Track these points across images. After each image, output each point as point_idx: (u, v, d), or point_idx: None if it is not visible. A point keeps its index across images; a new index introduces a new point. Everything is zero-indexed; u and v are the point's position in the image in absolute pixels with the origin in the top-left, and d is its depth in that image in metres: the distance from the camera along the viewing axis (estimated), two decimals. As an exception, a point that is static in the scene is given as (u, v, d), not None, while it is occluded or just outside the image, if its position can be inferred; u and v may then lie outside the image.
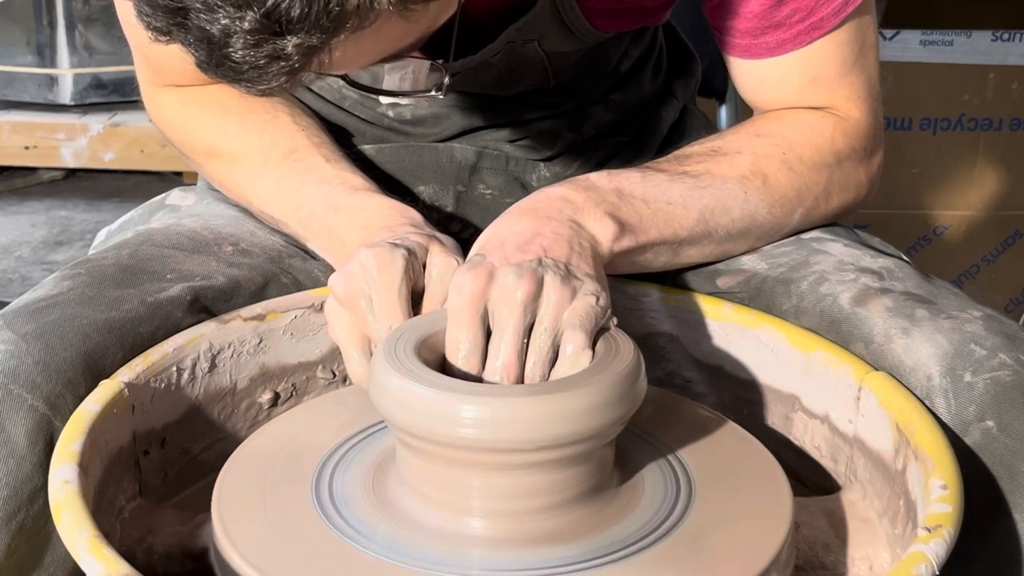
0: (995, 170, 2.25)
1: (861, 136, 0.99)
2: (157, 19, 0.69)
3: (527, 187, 1.07)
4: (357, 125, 1.08)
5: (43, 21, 2.85)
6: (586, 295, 0.75)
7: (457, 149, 1.06)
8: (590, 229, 0.83)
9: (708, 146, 0.96)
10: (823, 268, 0.92)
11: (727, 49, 1.01)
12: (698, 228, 0.91)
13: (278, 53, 0.67)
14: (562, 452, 0.69)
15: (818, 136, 0.97)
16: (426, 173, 1.06)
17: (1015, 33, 2.17)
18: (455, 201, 1.07)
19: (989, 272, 2.32)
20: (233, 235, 0.99)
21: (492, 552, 0.70)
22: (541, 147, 1.07)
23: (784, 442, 0.89)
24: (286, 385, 0.92)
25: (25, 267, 2.76)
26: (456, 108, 1.05)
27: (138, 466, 0.82)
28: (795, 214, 0.96)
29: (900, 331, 0.84)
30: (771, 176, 0.94)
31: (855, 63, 0.98)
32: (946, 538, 0.66)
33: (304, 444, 0.80)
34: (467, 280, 0.75)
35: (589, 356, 0.73)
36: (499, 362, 0.74)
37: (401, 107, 1.06)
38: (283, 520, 0.72)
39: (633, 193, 0.88)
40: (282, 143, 0.98)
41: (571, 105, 1.08)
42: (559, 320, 0.74)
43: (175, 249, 0.95)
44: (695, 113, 1.19)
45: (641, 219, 0.87)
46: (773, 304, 0.92)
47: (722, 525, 0.72)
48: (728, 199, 0.92)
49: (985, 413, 0.78)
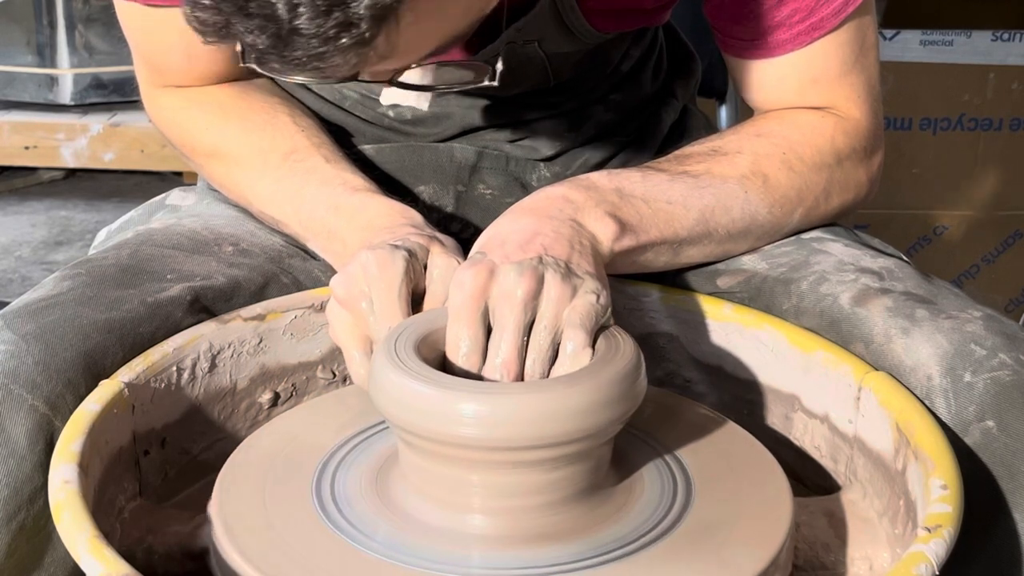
0: (995, 170, 2.25)
1: (861, 136, 0.99)
2: (213, 15, 0.68)
3: (527, 187, 1.07)
4: (357, 125, 1.08)
5: (43, 21, 2.85)
6: (586, 293, 0.75)
7: (457, 149, 1.06)
8: (590, 228, 0.83)
9: (708, 146, 0.96)
10: (823, 268, 0.92)
11: (728, 49, 1.01)
12: (698, 228, 0.91)
13: (349, 19, 0.66)
14: (562, 450, 0.69)
15: (818, 136, 0.97)
16: (426, 173, 1.06)
17: (1015, 33, 2.17)
18: (455, 201, 1.07)
19: (989, 272, 2.32)
20: (233, 235, 0.99)
21: (493, 550, 0.70)
22: (541, 147, 1.07)
23: (784, 442, 0.89)
24: (286, 385, 0.92)
25: (25, 267, 2.76)
26: (456, 108, 1.06)
27: (138, 466, 0.82)
28: (795, 214, 0.96)
29: (900, 331, 0.84)
30: (771, 176, 0.94)
31: (855, 63, 0.98)
32: (946, 538, 0.66)
33: (304, 444, 0.80)
34: (468, 277, 0.75)
35: (589, 354, 0.73)
36: (499, 359, 0.74)
37: (401, 107, 1.06)
38: (283, 520, 0.72)
39: (633, 193, 0.88)
40: (282, 144, 0.98)
41: (571, 105, 1.08)
42: (559, 318, 0.74)
43: (175, 249, 0.95)
44: (695, 113, 1.19)
45: (641, 219, 0.87)
46: (773, 304, 0.92)
47: (722, 525, 0.72)
48: (728, 199, 0.92)
49: (985, 413, 0.78)
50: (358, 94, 1.06)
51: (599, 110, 1.09)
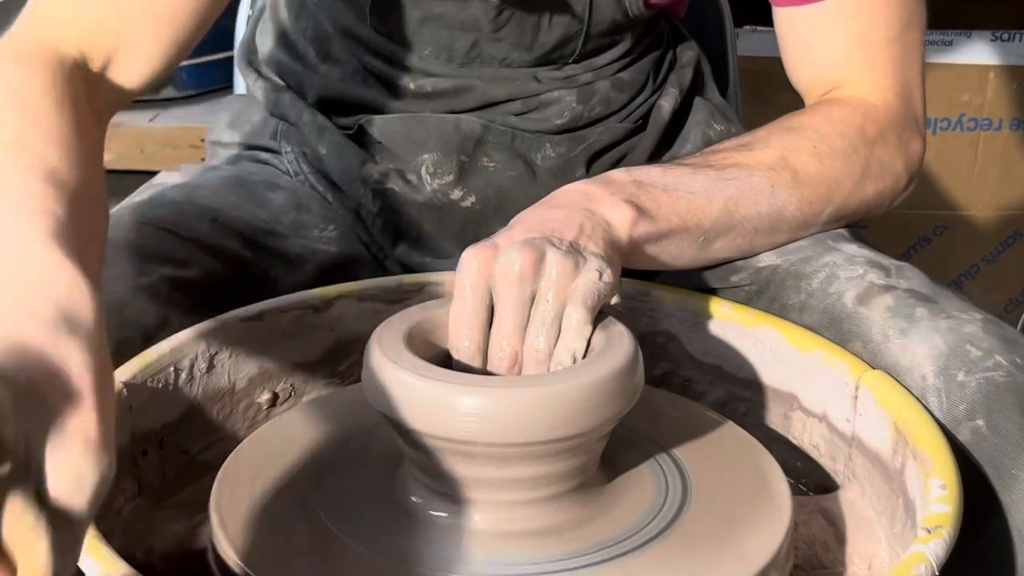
0: (995, 170, 2.25)
1: (893, 121, 0.99)
2: None
3: (531, 164, 1.07)
4: (377, 99, 1.08)
5: (43, 22, 2.85)
6: (589, 271, 0.75)
7: (463, 120, 1.06)
8: (605, 215, 0.83)
9: (736, 141, 0.96)
10: (834, 260, 0.92)
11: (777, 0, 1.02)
12: (723, 219, 0.90)
13: None
14: (557, 445, 0.69)
15: (849, 125, 0.96)
16: (431, 142, 1.06)
17: (1015, 33, 2.17)
18: (458, 169, 1.06)
19: (989, 272, 2.32)
20: (215, 208, 0.99)
21: (492, 546, 0.70)
22: (549, 117, 1.07)
23: (783, 441, 0.89)
24: (285, 385, 0.92)
25: (25, 268, 2.76)
26: (478, 81, 1.06)
27: (137, 466, 0.82)
28: (826, 208, 0.95)
29: (898, 331, 0.84)
30: (801, 169, 0.93)
31: (900, 34, 0.98)
32: (946, 538, 0.66)
33: (303, 444, 0.79)
34: (469, 257, 0.75)
35: (590, 330, 0.73)
36: (501, 335, 0.74)
37: (423, 79, 1.06)
38: (283, 520, 0.72)
39: (654, 183, 0.88)
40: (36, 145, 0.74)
41: (584, 78, 1.09)
42: (562, 293, 0.74)
43: (158, 228, 0.95)
44: (704, 103, 1.18)
45: (660, 205, 0.87)
46: (781, 295, 0.92)
47: (720, 524, 0.72)
48: (754, 191, 0.91)
49: (975, 412, 0.78)
50: (381, 62, 1.07)
51: (606, 86, 1.09)
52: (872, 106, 0.98)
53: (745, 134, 0.98)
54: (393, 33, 1.05)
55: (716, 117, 1.15)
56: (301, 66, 1.11)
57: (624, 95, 1.10)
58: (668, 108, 1.12)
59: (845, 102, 0.99)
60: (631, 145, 1.11)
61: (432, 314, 0.76)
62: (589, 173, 1.08)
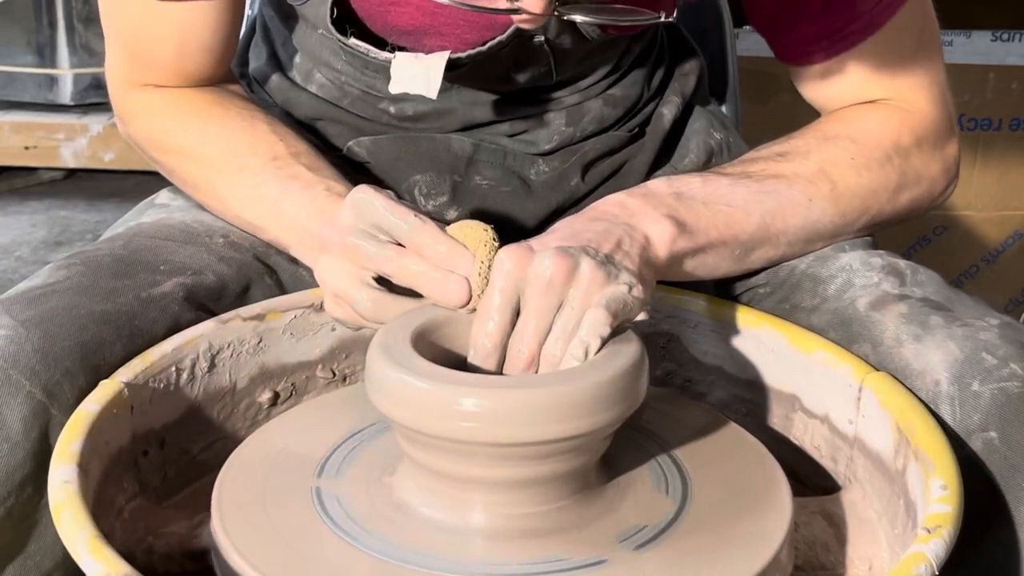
0: (995, 170, 2.25)
1: (928, 128, 0.99)
2: None
3: (525, 180, 1.07)
4: (356, 123, 1.08)
5: (43, 21, 2.85)
6: (619, 283, 0.75)
7: (454, 140, 1.06)
8: (645, 230, 0.83)
9: (775, 150, 0.96)
10: (850, 263, 0.92)
11: (782, 59, 1.02)
12: (760, 233, 0.91)
13: None
14: (560, 446, 0.69)
15: (885, 135, 0.97)
16: (423, 162, 1.06)
17: (1015, 33, 2.17)
18: (452, 189, 1.06)
19: (989, 272, 2.32)
20: (224, 227, 0.99)
21: (494, 546, 0.70)
22: (540, 141, 1.07)
23: (784, 442, 0.89)
24: (286, 385, 0.92)
25: (25, 267, 2.76)
26: (458, 104, 1.05)
27: (137, 466, 0.82)
28: (861, 218, 0.96)
29: (912, 337, 0.84)
30: (839, 181, 0.94)
31: (915, 53, 0.99)
32: (946, 538, 0.66)
33: (304, 443, 0.79)
34: (504, 257, 0.75)
35: (607, 331, 0.72)
36: (521, 338, 0.74)
37: (403, 103, 1.06)
38: (284, 519, 0.72)
39: (694, 196, 0.88)
40: (261, 150, 0.97)
41: (571, 100, 1.08)
42: (588, 301, 0.73)
43: (167, 240, 0.95)
44: (703, 112, 1.18)
45: (699, 219, 0.87)
46: (793, 296, 0.92)
47: (720, 524, 0.72)
48: (791, 204, 0.92)
49: (989, 423, 0.78)
50: (359, 91, 1.06)
51: (597, 104, 1.09)
52: (907, 113, 0.99)
53: (781, 141, 0.98)
54: (367, 65, 1.04)
55: (715, 125, 1.15)
56: (288, 84, 1.10)
57: (618, 110, 1.10)
58: (669, 116, 1.11)
59: (881, 108, 0.99)
60: (630, 153, 1.10)
61: (435, 314, 0.76)
62: (584, 181, 1.08)
